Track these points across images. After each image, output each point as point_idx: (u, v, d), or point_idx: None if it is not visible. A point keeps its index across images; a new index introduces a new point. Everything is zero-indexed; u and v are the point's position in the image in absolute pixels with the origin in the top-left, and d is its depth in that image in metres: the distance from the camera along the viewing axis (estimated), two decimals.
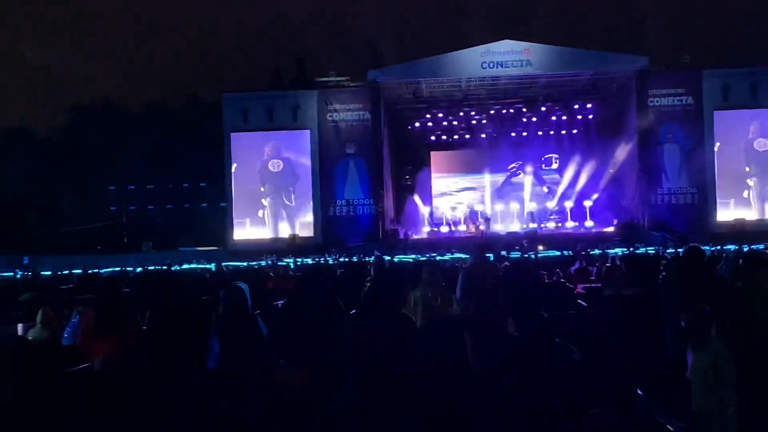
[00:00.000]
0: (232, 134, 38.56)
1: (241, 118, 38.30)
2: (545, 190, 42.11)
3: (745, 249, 13.72)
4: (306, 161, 38.30)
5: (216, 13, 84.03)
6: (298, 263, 27.03)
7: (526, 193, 41.41)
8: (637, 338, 8.29)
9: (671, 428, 4.55)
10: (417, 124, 41.53)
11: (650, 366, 6.59)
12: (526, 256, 25.17)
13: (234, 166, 38.52)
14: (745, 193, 37.21)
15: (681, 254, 10.29)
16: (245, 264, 26.89)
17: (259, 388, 6.67)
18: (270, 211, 38.33)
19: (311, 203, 38.28)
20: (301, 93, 39.06)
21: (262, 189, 38.34)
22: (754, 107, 36.98)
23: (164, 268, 24.75)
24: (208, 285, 13.26)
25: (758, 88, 36.74)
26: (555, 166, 42.46)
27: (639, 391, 5.77)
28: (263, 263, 27.19)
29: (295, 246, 35.82)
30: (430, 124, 41.56)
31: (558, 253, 27.26)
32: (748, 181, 37.25)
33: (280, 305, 11.89)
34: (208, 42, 79.88)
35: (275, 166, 38.38)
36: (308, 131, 38.26)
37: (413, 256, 28.14)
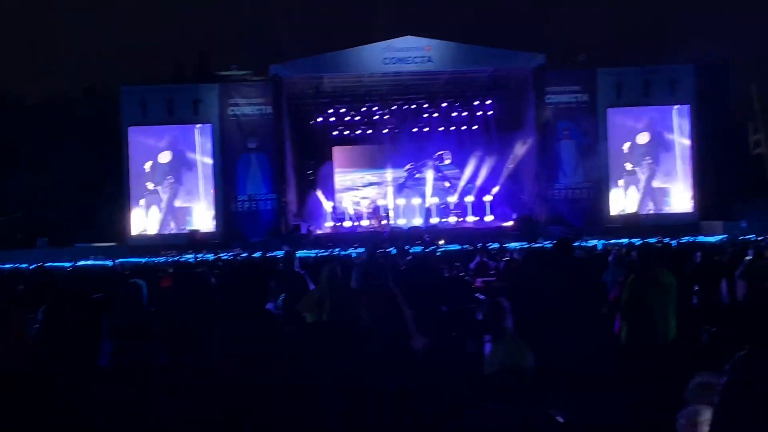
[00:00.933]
0: (131, 128, 37.73)
1: (140, 111, 37.51)
2: (447, 185, 42.56)
3: (637, 242, 14.19)
4: (207, 156, 37.86)
5: (115, 3, 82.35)
6: (199, 259, 26.74)
7: (428, 188, 41.82)
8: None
9: (560, 419, 4.71)
10: (319, 119, 41.43)
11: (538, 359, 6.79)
12: (428, 250, 25.46)
13: (132, 160, 37.82)
14: (638, 188, 38.35)
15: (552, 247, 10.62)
16: (144, 260, 26.50)
17: (154, 387, 6.62)
18: (170, 207, 37.77)
19: (213, 198, 37.88)
20: (203, 86, 38.55)
21: (161, 184, 37.73)
22: (645, 104, 38.12)
23: (57, 265, 24.19)
24: (104, 282, 13.09)
25: (649, 86, 37.87)
26: (448, 162, 42.91)
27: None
28: (163, 260, 26.85)
29: (195, 242, 35.39)
30: (332, 119, 41.51)
31: (459, 247, 27.59)
32: (640, 175, 38.41)
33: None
34: (107, 33, 78.17)
35: (174, 160, 37.81)
36: (209, 125, 37.81)
37: (315, 251, 28.17)
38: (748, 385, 3.50)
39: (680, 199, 38.49)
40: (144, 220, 37.71)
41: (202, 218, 37.72)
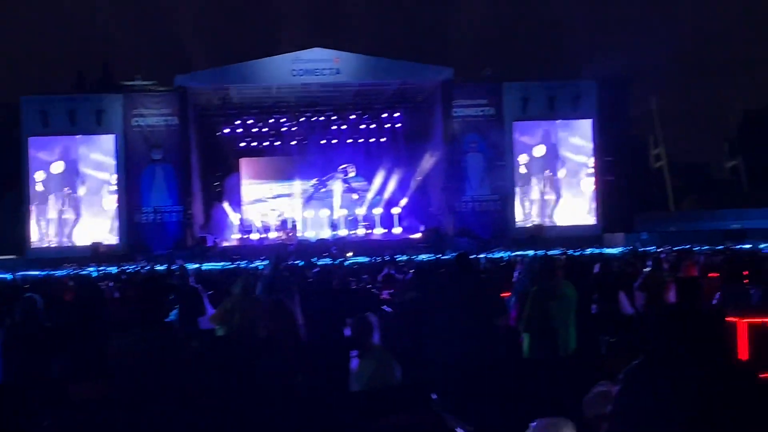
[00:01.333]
0: (31, 138, 36.79)
1: (41, 121, 36.55)
2: (355, 197, 42.56)
3: (540, 254, 14.41)
4: (110, 167, 37.11)
5: (16, 11, 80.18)
6: (101, 272, 26.14)
7: (336, 200, 41.79)
8: (430, 343, 8.51)
9: (461, 431, 4.71)
10: (226, 130, 41.02)
11: (444, 369, 6.80)
12: (336, 262, 25.40)
13: (32, 171, 36.83)
14: (543, 200, 38.99)
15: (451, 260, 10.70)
16: (44, 273, 25.76)
17: (50, 402, 6.43)
18: (72, 219, 36.89)
19: (116, 210, 37.12)
20: (106, 96, 37.86)
21: (62, 195, 36.83)
22: (550, 118, 38.81)
23: None
24: (2, 296, 12.72)
25: (554, 100, 38.56)
26: (352, 174, 42.94)
27: (433, 395, 5.94)
28: (64, 272, 26.14)
29: (98, 255, 34.62)
30: (239, 130, 41.13)
31: (366, 259, 27.60)
32: (545, 188, 39.07)
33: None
34: (7, 44, 76.09)
35: (76, 171, 36.97)
36: (113, 136, 37.08)
37: (222, 263, 27.83)
38: (640, 392, 3.58)
39: (584, 211, 39.21)
40: (44, 232, 36.74)
41: (106, 230, 36.90)
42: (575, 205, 39.23)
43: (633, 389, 3.64)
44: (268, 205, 42.52)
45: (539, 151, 39.04)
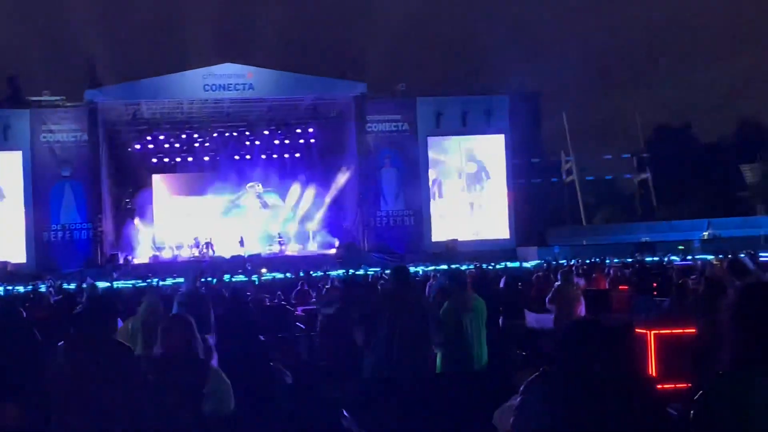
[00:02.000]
0: None
1: None
2: (269, 213, 42.15)
3: (451, 269, 14.51)
4: (17, 184, 36.14)
5: None
6: (9, 291, 25.39)
7: (250, 216, 41.39)
8: (348, 359, 8.48)
9: None
10: (138, 146, 40.37)
11: (355, 387, 6.78)
12: (251, 279, 25.21)
13: None
14: (458, 215, 39.29)
15: (389, 274, 10.66)
16: None
17: None
18: None
19: (23, 228, 36.15)
20: (12, 112, 36.88)
21: None
22: (464, 133, 39.14)
23: None
24: None
25: (467, 115, 38.91)
26: (260, 191, 42.46)
27: (345, 412, 5.91)
28: None
29: (6, 274, 33.63)
30: (151, 146, 40.53)
31: (282, 275, 27.48)
32: (460, 203, 39.42)
33: None
34: None
35: None
36: (19, 152, 36.11)
37: (133, 281, 27.33)
38: (537, 405, 3.62)
39: (498, 225, 39.59)
40: None
41: (12, 248, 35.86)
42: (489, 220, 39.60)
43: (531, 401, 3.69)
44: (180, 221, 41.77)
45: (453, 165, 39.36)
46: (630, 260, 26.79)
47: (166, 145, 40.89)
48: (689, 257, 29.29)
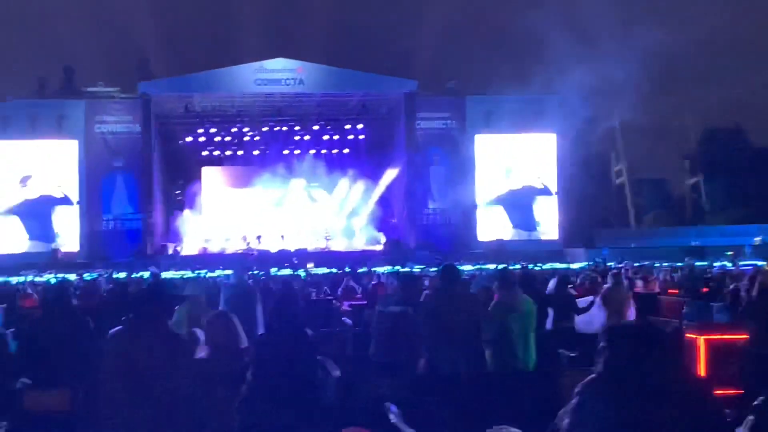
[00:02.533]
0: None
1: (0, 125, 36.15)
2: (316, 207, 42.19)
3: (500, 268, 14.40)
4: (71, 173, 36.68)
5: None
6: (60, 278, 25.73)
7: (299, 210, 41.45)
8: (398, 354, 8.45)
9: None
10: (189, 139, 40.77)
11: (406, 381, 6.76)
12: (297, 273, 25.33)
13: None
14: (506, 214, 39.07)
15: (438, 273, 10.63)
16: (1, 280, 25.39)
17: (5, 413, 6.30)
18: (30, 225, 36.38)
19: (77, 217, 36.68)
20: (68, 102, 37.46)
21: (19, 201, 36.36)
22: (513, 132, 38.84)
23: None
24: None
25: (517, 114, 38.55)
26: (314, 185, 42.41)
27: (392, 407, 5.89)
28: (22, 279, 25.74)
29: (58, 261, 34.14)
30: (202, 139, 40.90)
31: (327, 270, 27.55)
32: (508, 202, 39.18)
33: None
34: None
35: (34, 178, 36.50)
36: (74, 142, 36.66)
37: (182, 272, 27.62)
38: (593, 406, 3.60)
39: (546, 226, 39.33)
40: (4, 238, 36.18)
41: (65, 237, 36.42)
42: (537, 220, 39.36)
43: (587, 403, 3.67)
44: (229, 214, 42.01)
45: (502, 164, 39.14)
46: (680, 264, 26.43)
47: (217, 138, 41.20)
48: (741, 263, 28.82)
